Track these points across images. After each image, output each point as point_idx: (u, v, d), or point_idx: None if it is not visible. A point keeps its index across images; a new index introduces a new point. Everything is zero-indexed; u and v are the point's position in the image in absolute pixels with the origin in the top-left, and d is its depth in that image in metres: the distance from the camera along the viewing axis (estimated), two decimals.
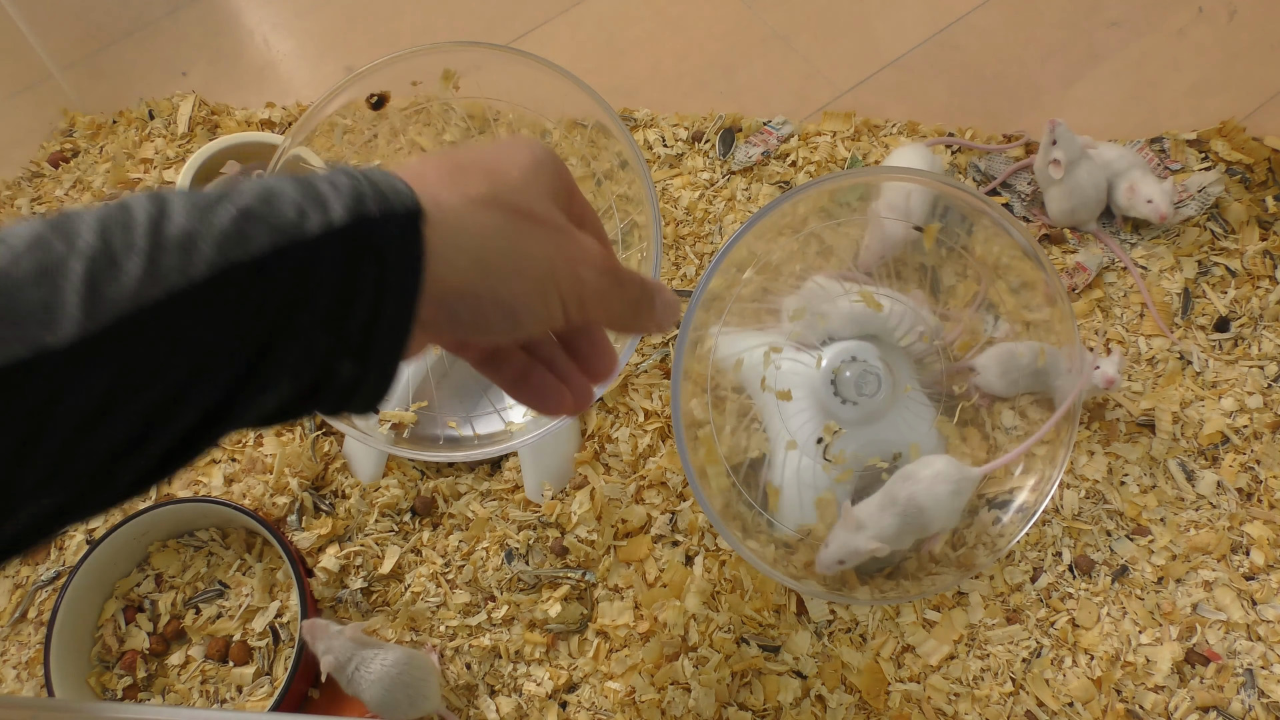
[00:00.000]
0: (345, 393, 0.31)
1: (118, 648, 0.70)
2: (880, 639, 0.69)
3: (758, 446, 0.75)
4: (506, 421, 0.74)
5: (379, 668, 0.63)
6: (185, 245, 0.26)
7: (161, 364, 0.26)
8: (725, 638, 0.68)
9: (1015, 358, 0.69)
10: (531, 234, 0.34)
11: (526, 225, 0.34)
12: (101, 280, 0.25)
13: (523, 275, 0.33)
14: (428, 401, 0.74)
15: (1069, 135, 0.81)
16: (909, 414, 0.70)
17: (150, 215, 0.26)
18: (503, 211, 0.33)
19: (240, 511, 0.69)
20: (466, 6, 1.06)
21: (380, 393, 0.32)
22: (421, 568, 0.72)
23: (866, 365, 0.67)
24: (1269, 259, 0.82)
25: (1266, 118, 0.90)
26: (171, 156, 0.94)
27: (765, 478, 0.68)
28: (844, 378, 0.68)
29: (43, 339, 0.24)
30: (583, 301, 0.36)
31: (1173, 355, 0.79)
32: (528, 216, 0.34)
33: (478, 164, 0.34)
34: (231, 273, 0.26)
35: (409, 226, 0.30)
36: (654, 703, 0.66)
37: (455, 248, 0.31)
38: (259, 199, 0.28)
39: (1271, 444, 0.75)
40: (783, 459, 0.67)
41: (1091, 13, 1.00)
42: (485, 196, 0.33)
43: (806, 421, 0.68)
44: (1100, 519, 0.73)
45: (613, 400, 0.77)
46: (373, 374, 0.31)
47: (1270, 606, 0.69)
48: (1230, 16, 0.99)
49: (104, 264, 0.25)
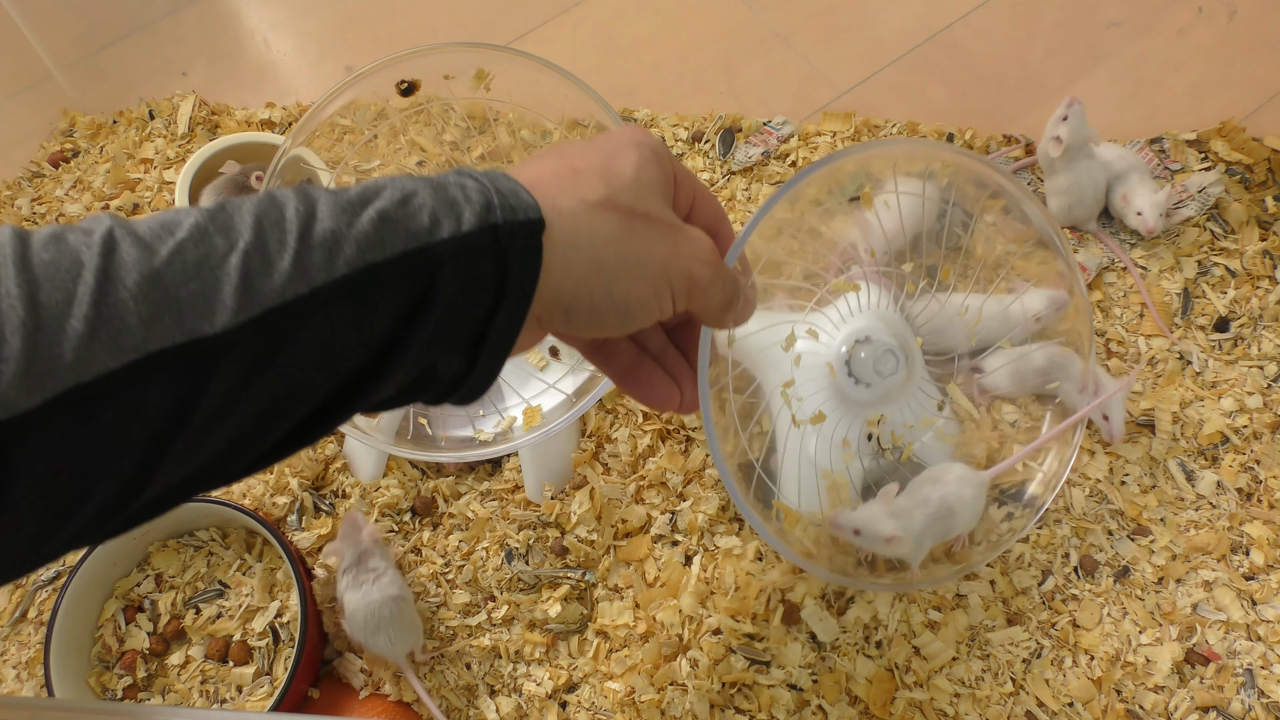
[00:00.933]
0: (451, 385, 0.34)
1: (118, 648, 0.70)
2: (896, 648, 0.68)
3: (757, 449, 0.75)
4: (507, 421, 0.74)
5: (369, 595, 0.65)
6: (330, 246, 0.28)
7: (298, 353, 0.28)
8: (713, 642, 0.68)
9: (1027, 359, 0.69)
10: (646, 234, 0.35)
11: (641, 225, 0.35)
12: (255, 275, 0.27)
13: (637, 276, 0.35)
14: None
15: (1081, 120, 0.80)
16: (921, 395, 0.68)
17: (300, 215, 0.29)
18: (619, 214, 0.35)
19: (240, 511, 0.69)
20: (466, 6, 1.06)
21: (483, 387, 0.34)
22: (421, 568, 0.72)
23: (884, 344, 0.65)
24: (1269, 259, 0.82)
25: (1266, 118, 0.90)
26: (172, 156, 0.94)
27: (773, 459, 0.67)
28: (859, 358, 0.65)
29: (200, 328, 0.26)
30: (691, 294, 0.37)
31: (1172, 355, 0.79)
32: (643, 217, 0.36)
33: (591, 166, 0.36)
34: (368, 273, 0.29)
35: (531, 234, 0.32)
36: (653, 703, 0.66)
37: (574, 249, 0.33)
38: (397, 204, 0.30)
39: (1271, 444, 0.75)
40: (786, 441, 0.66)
41: (1091, 13, 1.00)
42: (601, 200, 0.34)
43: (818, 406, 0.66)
44: (1103, 519, 0.73)
45: (612, 401, 0.78)
46: (479, 369, 0.33)
47: (1270, 606, 0.69)
48: (1230, 16, 0.99)
49: (258, 260, 0.27)
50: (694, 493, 0.73)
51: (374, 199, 0.30)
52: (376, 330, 0.29)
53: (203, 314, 0.26)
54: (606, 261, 0.34)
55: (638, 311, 0.36)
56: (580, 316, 0.35)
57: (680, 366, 0.45)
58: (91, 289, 0.25)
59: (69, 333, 0.25)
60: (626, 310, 0.35)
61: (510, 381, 0.71)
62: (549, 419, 0.68)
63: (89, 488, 0.26)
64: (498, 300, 0.32)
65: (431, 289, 0.30)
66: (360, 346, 0.29)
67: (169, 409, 0.26)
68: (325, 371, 0.29)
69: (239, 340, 0.27)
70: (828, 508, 0.66)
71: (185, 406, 0.26)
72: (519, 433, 0.71)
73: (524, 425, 0.69)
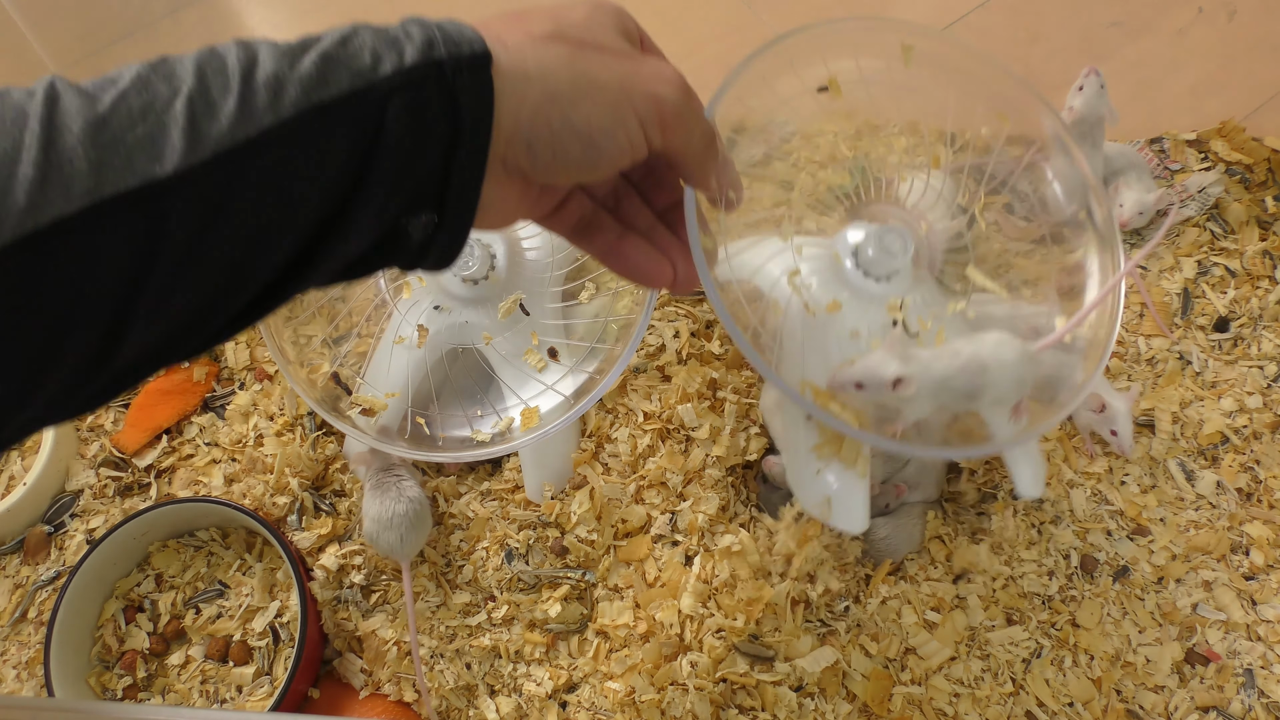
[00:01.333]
0: (423, 244, 0.33)
1: (118, 648, 0.70)
2: (885, 641, 0.69)
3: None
4: (505, 421, 0.74)
5: (390, 494, 0.69)
6: (274, 88, 0.28)
7: (254, 196, 0.28)
8: (716, 643, 0.68)
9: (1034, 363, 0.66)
10: (600, 60, 0.34)
11: (594, 53, 0.34)
12: (201, 118, 0.27)
13: (595, 99, 0.34)
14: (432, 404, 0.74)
15: (1096, 93, 0.77)
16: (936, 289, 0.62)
17: (242, 61, 0.29)
18: (568, 44, 0.34)
19: (240, 511, 0.69)
20: (464, 9, 1.06)
21: (456, 242, 0.34)
22: (422, 567, 0.72)
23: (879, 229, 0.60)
24: (1268, 259, 0.82)
25: (1266, 118, 0.90)
26: None
27: None
28: (866, 253, 0.59)
29: (152, 171, 0.26)
30: (663, 122, 0.36)
31: (1172, 355, 0.79)
32: (594, 47, 0.35)
33: (539, 9, 0.35)
34: (314, 113, 0.29)
35: (478, 68, 0.31)
36: (654, 703, 0.66)
37: (524, 79, 0.32)
38: (337, 44, 0.30)
39: (1271, 444, 0.75)
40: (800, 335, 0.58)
41: (1091, 13, 1.00)
42: (548, 34, 0.34)
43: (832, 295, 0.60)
44: (1103, 519, 0.73)
45: (612, 401, 0.78)
46: (449, 219, 0.33)
47: (1270, 606, 0.69)
48: (1230, 16, 0.99)
49: (203, 105, 0.27)
50: (694, 493, 0.73)
51: (315, 43, 0.30)
52: (330, 173, 0.29)
53: (152, 157, 0.26)
54: (560, 89, 0.33)
55: (603, 140, 0.34)
56: (544, 151, 0.34)
57: (670, 242, 0.43)
58: (39, 136, 0.25)
59: (20, 178, 0.25)
60: (590, 139, 0.34)
61: (509, 383, 0.71)
62: (547, 420, 0.68)
63: (61, 337, 0.26)
64: (454, 139, 0.31)
65: (381, 128, 0.30)
66: (316, 192, 0.29)
67: (132, 255, 0.26)
68: (285, 217, 0.29)
69: (192, 182, 0.27)
70: None
71: (147, 253, 0.27)
72: (517, 434, 0.71)
73: (522, 426, 0.69)
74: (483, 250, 0.69)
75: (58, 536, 0.75)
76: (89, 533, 0.74)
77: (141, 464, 0.76)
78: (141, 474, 0.76)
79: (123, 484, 0.76)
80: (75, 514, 0.75)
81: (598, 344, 0.71)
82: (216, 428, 0.78)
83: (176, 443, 0.78)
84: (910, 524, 0.72)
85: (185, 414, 0.78)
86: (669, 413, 0.76)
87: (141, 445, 0.77)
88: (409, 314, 0.70)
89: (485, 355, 0.71)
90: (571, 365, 0.71)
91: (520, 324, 0.71)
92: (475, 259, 0.68)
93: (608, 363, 0.68)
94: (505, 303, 0.70)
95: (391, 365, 0.70)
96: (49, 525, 0.75)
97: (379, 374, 0.70)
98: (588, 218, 0.42)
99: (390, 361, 0.70)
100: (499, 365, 0.71)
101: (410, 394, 0.74)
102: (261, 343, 0.81)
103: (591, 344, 0.71)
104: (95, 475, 0.76)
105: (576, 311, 0.74)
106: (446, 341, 0.71)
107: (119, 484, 0.76)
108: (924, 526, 0.72)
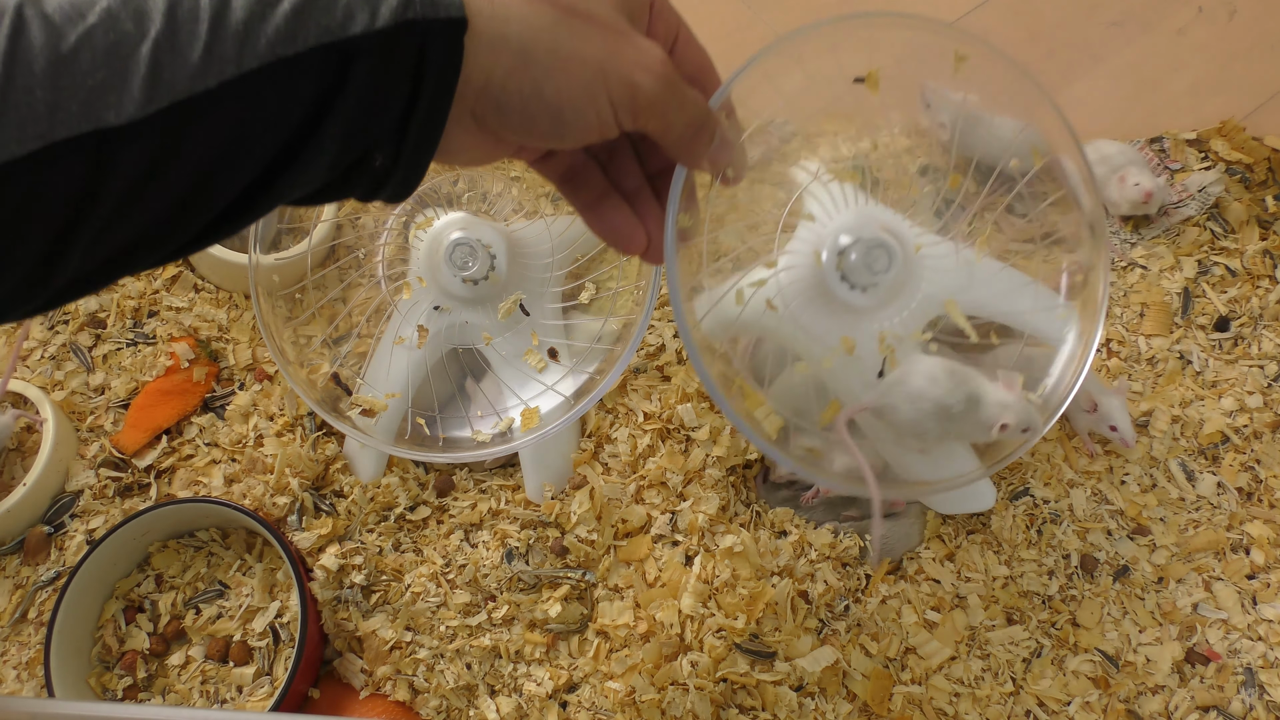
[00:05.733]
0: (378, 179, 0.33)
1: (118, 648, 0.70)
2: (885, 640, 0.69)
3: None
4: (505, 422, 0.74)
5: None
6: (241, 38, 0.28)
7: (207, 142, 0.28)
8: (716, 642, 0.68)
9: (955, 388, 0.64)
10: (584, 32, 0.34)
11: (578, 23, 0.34)
12: (164, 66, 0.27)
13: (570, 75, 0.33)
14: (433, 404, 0.74)
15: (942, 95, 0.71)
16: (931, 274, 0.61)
17: (214, 4, 0.28)
18: (556, 8, 0.33)
19: (240, 511, 0.69)
20: None
21: (411, 180, 0.34)
22: (422, 568, 0.72)
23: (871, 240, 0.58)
24: (1269, 259, 0.82)
25: (1266, 118, 0.90)
26: None
27: None
28: (850, 262, 0.58)
29: (105, 118, 0.26)
30: (635, 108, 0.35)
31: (1173, 355, 0.79)
32: (582, 15, 0.34)
33: None
34: (277, 67, 0.29)
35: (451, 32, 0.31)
36: (654, 703, 0.66)
37: (501, 39, 0.32)
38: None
39: (1271, 443, 0.75)
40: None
41: (1091, 13, 1.00)
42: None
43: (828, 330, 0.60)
44: (1103, 518, 0.73)
45: (612, 401, 0.78)
46: (406, 156, 0.33)
47: (1270, 606, 0.69)
48: (1230, 16, 0.99)
49: (168, 51, 0.27)
50: (694, 493, 0.73)
51: None
52: (284, 125, 0.30)
53: (109, 104, 0.27)
54: (537, 56, 0.32)
55: (571, 116, 0.34)
56: (513, 115, 0.33)
57: (651, 210, 0.42)
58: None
59: None
60: (559, 113, 0.34)
61: (509, 383, 0.71)
62: (547, 420, 0.68)
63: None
64: (416, 86, 0.31)
65: (343, 85, 0.30)
66: (269, 141, 0.30)
67: (71, 196, 0.27)
68: (237, 161, 0.29)
69: (144, 132, 0.27)
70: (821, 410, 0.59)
71: (88, 194, 0.27)
72: (517, 434, 0.71)
73: (522, 427, 0.69)
74: (483, 250, 0.69)
75: (58, 537, 0.75)
76: (89, 533, 0.74)
77: (141, 464, 0.76)
78: (141, 474, 0.76)
79: (123, 484, 0.76)
80: (75, 514, 0.75)
81: (597, 344, 0.71)
82: (216, 428, 0.78)
83: (176, 443, 0.78)
84: (910, 523, 0.72)
85: (185, 414, 0.78)
86: (669, 413, 0.76)
87: (141, 445, 0.77)
88: (409, 314, 0.70)
89: (485, 355, 0.71)
90: (571, 365, 0.71)
91: (520, 324, 0.71)
92: (475, 259, 0.68)
93: (608, 363, 0.68)
94: (505, 303, 0.70)
95: (391, 366, 0.70)
96: (49, 526, 0.75)
97: (379, 374, 0.70)
98: (577, 168, 0.42)
99: (390, 362, 0.70)
100: (499, 365, 0.71)
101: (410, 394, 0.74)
102: (261, 343, 0.81)
103: (591, 344, 0.71)
104: (95, 476, 0.76)
105: (576, 312, 0.74)
106: (447, 342, 0.71)
107: (119, 484, 0.76)
108: (924, 526, 0.72)
